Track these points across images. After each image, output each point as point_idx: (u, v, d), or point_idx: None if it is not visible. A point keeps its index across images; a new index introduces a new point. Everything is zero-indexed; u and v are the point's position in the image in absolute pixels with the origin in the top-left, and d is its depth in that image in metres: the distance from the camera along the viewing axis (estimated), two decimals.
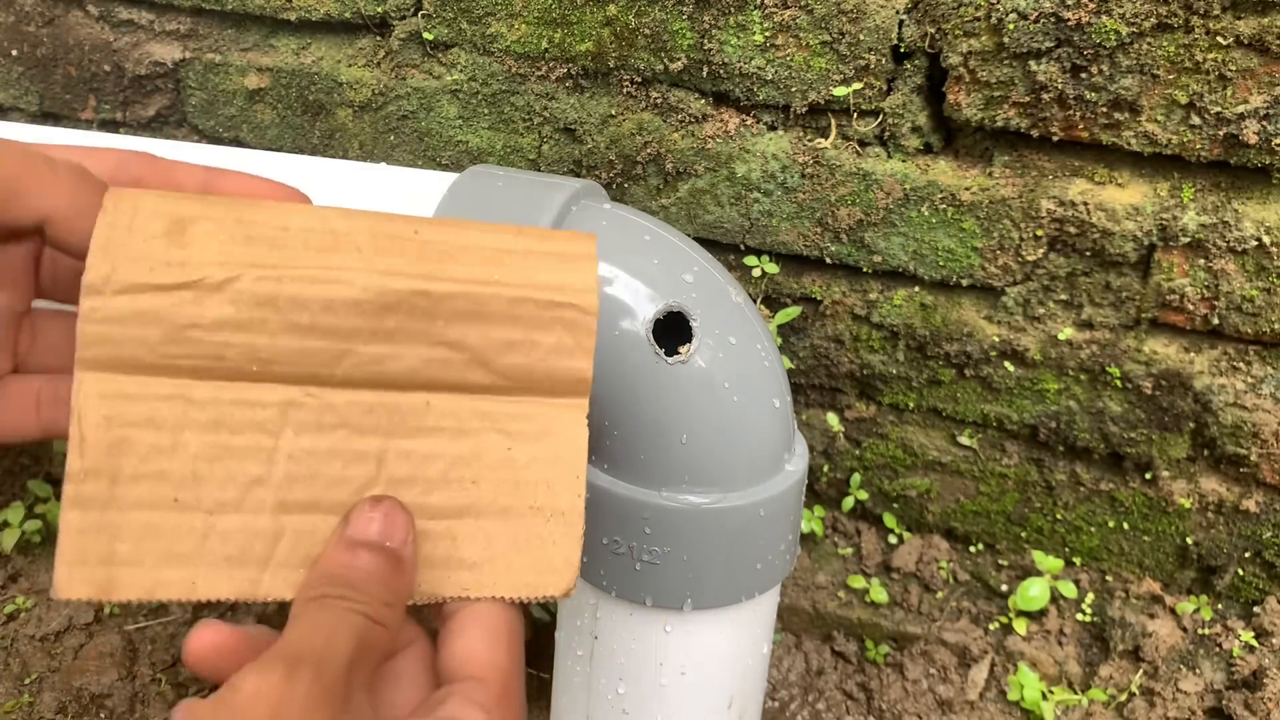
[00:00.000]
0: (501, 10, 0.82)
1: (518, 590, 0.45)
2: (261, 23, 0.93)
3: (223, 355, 0.43)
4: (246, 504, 0.43)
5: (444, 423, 0.45)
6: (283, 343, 0.43)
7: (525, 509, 0.45)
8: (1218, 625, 0.83)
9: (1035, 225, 0.76)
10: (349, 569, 0.40)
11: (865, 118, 0.77)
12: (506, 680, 0.42)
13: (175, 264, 0.43)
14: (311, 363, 0.44)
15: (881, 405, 0.89)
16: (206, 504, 0.42)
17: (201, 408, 0.43)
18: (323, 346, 0.44)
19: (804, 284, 0.85)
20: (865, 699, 0.88)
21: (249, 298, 0.42)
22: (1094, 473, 0.84)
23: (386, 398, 0.44)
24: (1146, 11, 0.66)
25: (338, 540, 0.41)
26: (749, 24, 0.76)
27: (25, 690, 0.89)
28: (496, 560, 0.45)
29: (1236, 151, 0.69)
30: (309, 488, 0.43)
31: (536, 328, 0.45)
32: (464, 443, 0.45)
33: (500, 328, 0.45)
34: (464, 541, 0.44)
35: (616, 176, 0.85)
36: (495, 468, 0.45)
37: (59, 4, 0.99)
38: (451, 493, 0.44)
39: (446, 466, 0.44)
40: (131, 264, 0.42)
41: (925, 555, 0.92)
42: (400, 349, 0.44)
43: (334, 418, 0.44)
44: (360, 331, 0.43)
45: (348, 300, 0.43)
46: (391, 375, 0.44)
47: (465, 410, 0.45)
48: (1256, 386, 0.76)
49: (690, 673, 0.61)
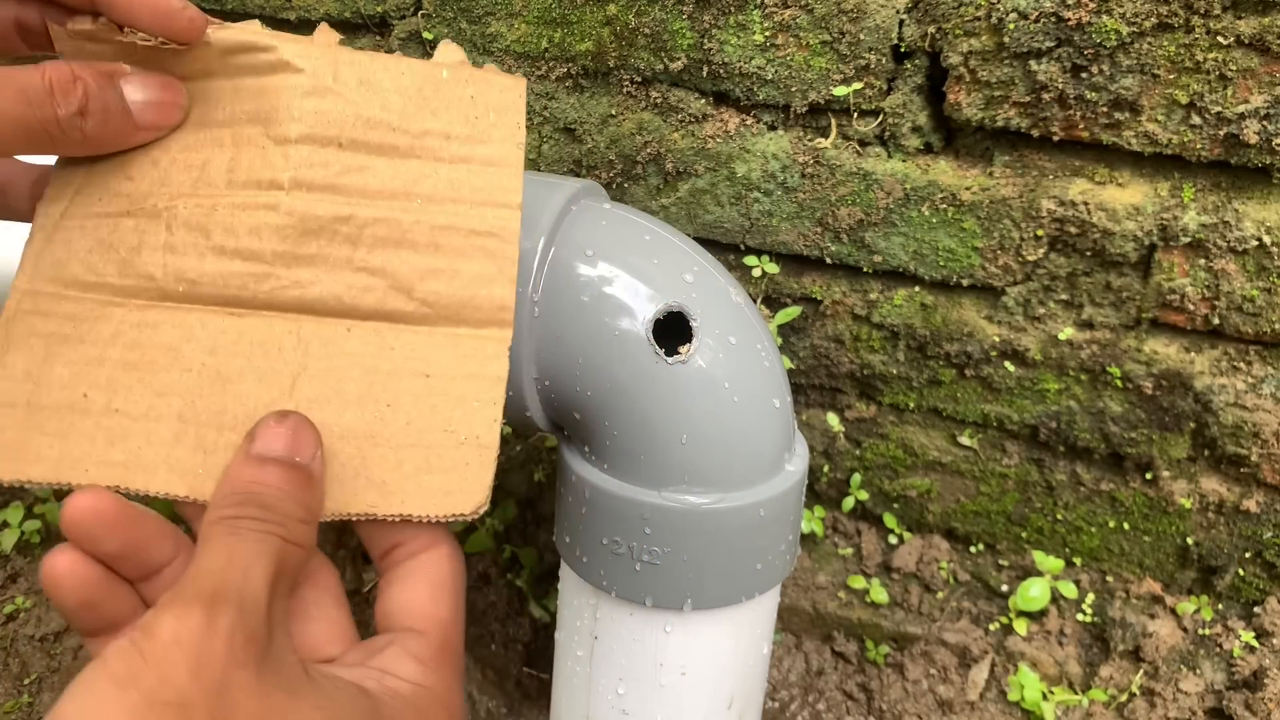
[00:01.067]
0: (501, 10, 0.82)
1: (426, 509, 0.44)
2: (261, 22, 0.92)
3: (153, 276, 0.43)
4: (153, 411, 0.43)
5: (363, 348, 0.44)
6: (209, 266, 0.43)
7: (439, 432, 0.44)
8: (1218, 625, 0.83)
9: (1036, 225, 0.75)
10: (258, 485, 0.38)
11: (865, 117, 0.77)
12: (446, 634, 0.41)
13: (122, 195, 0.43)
14: (233, 285, 0.44)
15: (882, 405, 0.89)
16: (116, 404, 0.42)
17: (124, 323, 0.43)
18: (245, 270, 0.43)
19: (804, 284, 0.85)
20: (865, 699, 0.88)
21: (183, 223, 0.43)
22: (1094, 473, 0.84)
23: (306, 323, 0.44)
24: (1147, 11, 0.66)
25: (244, 456, 0.40)
26: (749, 23, 0.75)
27: (25, 691, 0.89)
28: (406, 481, 0.44)
29: (1237, 151, 0.69)
30: (217, 399, 0.43)
31: (459, 256, 0.45)
32: (381, 368, 0.44)
33: (423, 255, 0.44)
34: (374, 462, 0.44)
35: (616, 176, 0.85)
36: (412, 394, 0.44)
37: None
38: (364, 413, 0.44)
39: (361, 390, 0.44)
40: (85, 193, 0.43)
41: (925, 555, 0.91)
42: (321, 274, 0.44)
43: (251, 339, 0.43)
44: (282, 256, 0.43)
45: (272, 226, 0.43)
46: (312, 300, 0.44)
47: (386, 337, 0.45)
48: (1257, 386, 0.76)
49: (690, 673, 0.61)
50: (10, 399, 0.42)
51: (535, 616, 0.94)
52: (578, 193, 0.60)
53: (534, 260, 0.56)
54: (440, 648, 0.40)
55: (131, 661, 0.31)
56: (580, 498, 0.59)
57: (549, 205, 0.58)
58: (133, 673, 0.31)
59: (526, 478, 1.00)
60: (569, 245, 0.57)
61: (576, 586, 0.63)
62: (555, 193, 0.59)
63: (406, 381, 0.44)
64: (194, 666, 0.31)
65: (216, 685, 0.31)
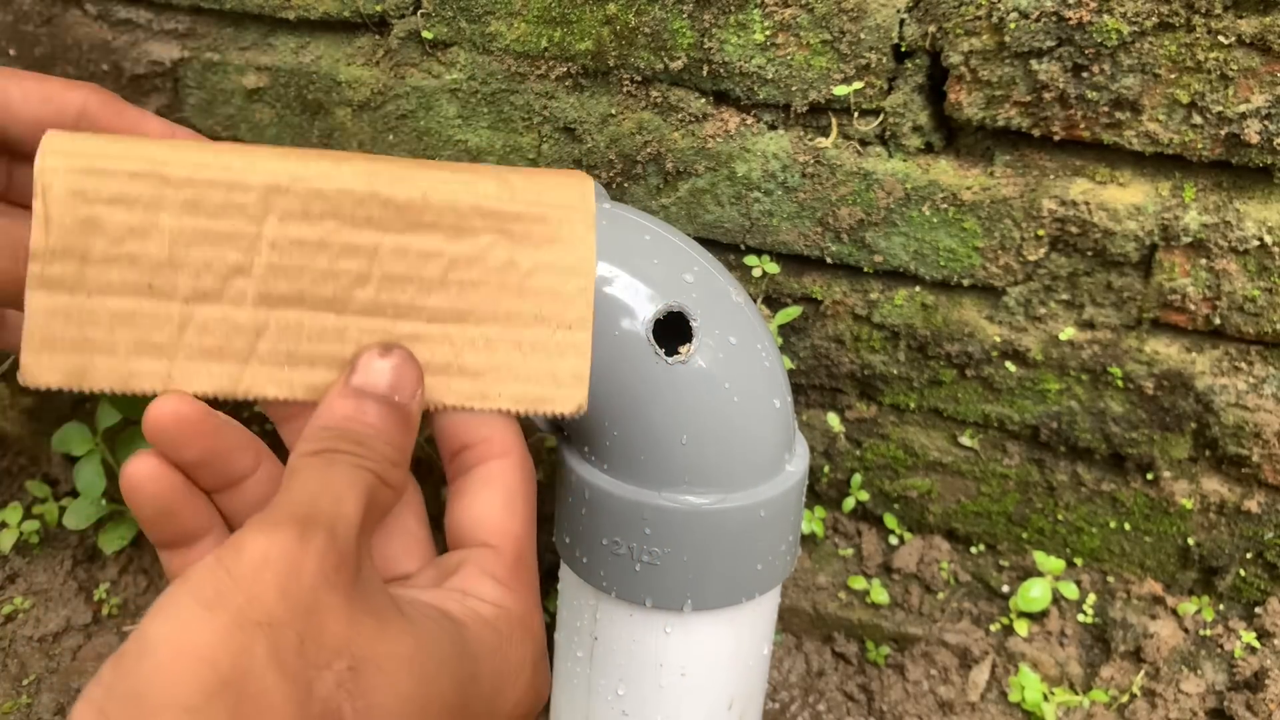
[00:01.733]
0: (501, 9, 0.82)
1: (523, 404, 0.41)
2: (260, 22, 0.92)
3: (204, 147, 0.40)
4: (227, 294, 0.39)
5: (443, 219, 0.40)
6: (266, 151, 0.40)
7: (530, 317, 0.41)
8: (1219, 626, 0.83)
9: (1036, 225, 0.75)
10: (357, 423, 0.37)
11: (866, 117, 0.77)
12: (520, 549, 0.39)
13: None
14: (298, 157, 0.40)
15: (882, 405, 0.89)
16: (184, 291, 0.39)
17: (178, 188, 0.39)
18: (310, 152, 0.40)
19: (804, 284, 0.85)
20: (866, 700, 0.88)
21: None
22: (1095, 473, 0.84)
23: (381, 189, 0.40)
24: (1148, 10, 0.66)
25: (343, 388, 0.38)
26: (749, 23, 0.75)
27: (23, 691, 0.89)
28: (500, 370, 0.41)
29: (1238, 151, 0.69)
30: (295, 280, 0.39)
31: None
32: (464, 242, 0.41)
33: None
34: (464, 347, 0.41)
35: (616, 176, 0.85)
36: (498, 271, 0.41)
37: (57, 3, 0.99)
38: (450, 295, 0.40)
39: (445, 266, 0.40)
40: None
41: (926, 556, 0.91)
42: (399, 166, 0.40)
43: (323, 206, 0.39)
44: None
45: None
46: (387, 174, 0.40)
47: (465, 207, 0.41)
48: (1258, 387, 0.76)
49: (690, 674, 0.61)
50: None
51: None
52: None
53: None
54: (515, 563, 0.39)
55: (219, 581, 0.30)
56: (580, 498, 0.59)
57: None
58: (220, 593, 0.29)
59: None
60: None
61: (576, 587, 0.63)
62: None
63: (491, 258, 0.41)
64: (284, 586, 0.30)
65: (306, 606, 0.30)
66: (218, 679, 0.28)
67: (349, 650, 0.31)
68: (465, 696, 0.34)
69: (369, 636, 0.31)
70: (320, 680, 0.30)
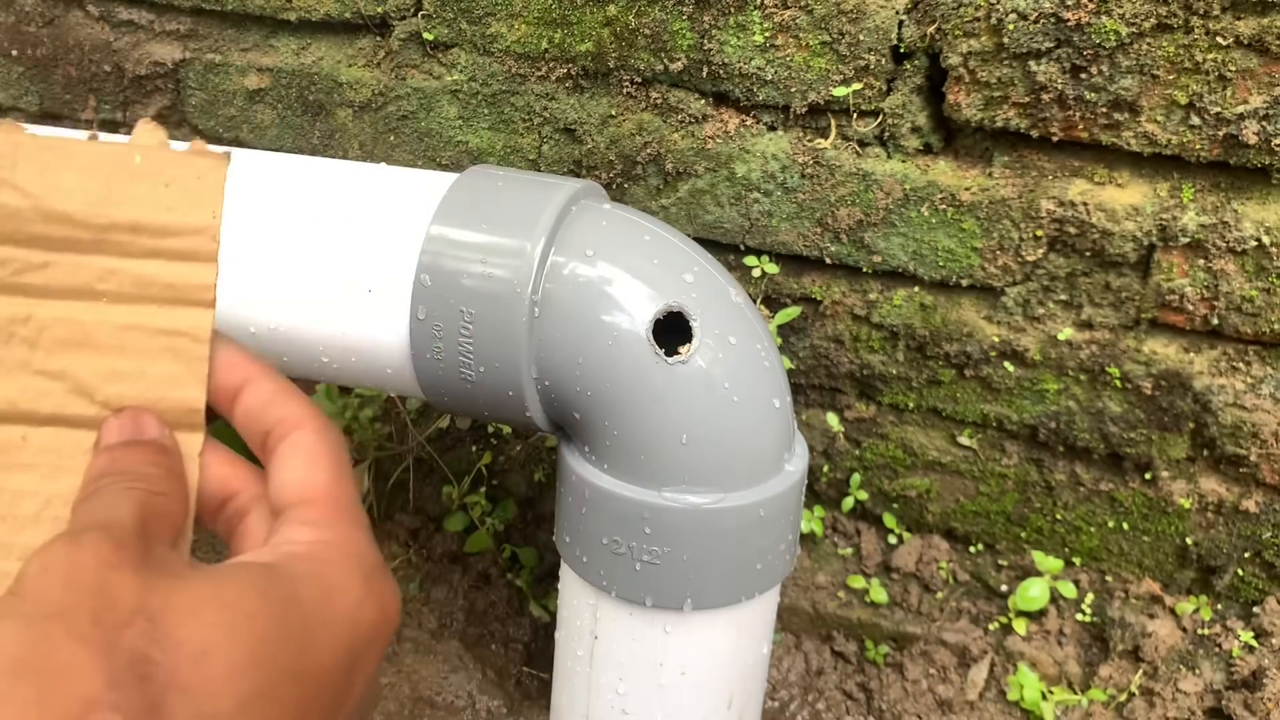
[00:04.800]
0: (501, 10, 0.82)
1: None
2: (261, 23, 0.93)
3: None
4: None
5: (41, 459, 0.42)
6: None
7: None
8: (1217, 625, 0.83)
9: (1035, 225, 0.76)
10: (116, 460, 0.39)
11: (865, 118, 0.77)
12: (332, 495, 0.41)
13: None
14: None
15: (881, 405, 0.89)
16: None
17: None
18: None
19: (804, 284, 0.85)
20: (865, 699, 0.88)
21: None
22: (1094, 473, 0.84)
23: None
24: (1146, 12, 0.66)
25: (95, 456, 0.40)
26: (749, 24, 0.76)
27: None
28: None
29: (1236, 152, 0.69)
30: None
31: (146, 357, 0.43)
32: (63, 481, 0.42)
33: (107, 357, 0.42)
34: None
35: (616, 176, 0.85)
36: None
37: (59, 4, 0.99)
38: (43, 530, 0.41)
39: (40, 506, 0.42)
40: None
41: (925, 555, 0.92)
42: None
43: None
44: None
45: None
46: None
47: (66, 445, 0.42)
48: (1256, 387, 0.76)
49: (690, 673, 0.62)
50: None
51: (535, 616, 0.94)
52: (578, 193, 0.60)
53: (534, 261, 0.56)
54: (330, 506, 0.40)
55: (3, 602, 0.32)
56: (580, 498, 0.59)
57: (549, 206, 0.58)
58: (7, 607, 0.31)
59: (526, 478, 1.00)
60: (569, 246, 0.57)
61: (576, 586, 0.63)
62: (555, 193, 0.59)
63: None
64: (66, 580, 0.32)
65: (93, 589, 0.32)
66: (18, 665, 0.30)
67: (145, 609, 0.32)
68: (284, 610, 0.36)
69: (164, 592, 0.33)
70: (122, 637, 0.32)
